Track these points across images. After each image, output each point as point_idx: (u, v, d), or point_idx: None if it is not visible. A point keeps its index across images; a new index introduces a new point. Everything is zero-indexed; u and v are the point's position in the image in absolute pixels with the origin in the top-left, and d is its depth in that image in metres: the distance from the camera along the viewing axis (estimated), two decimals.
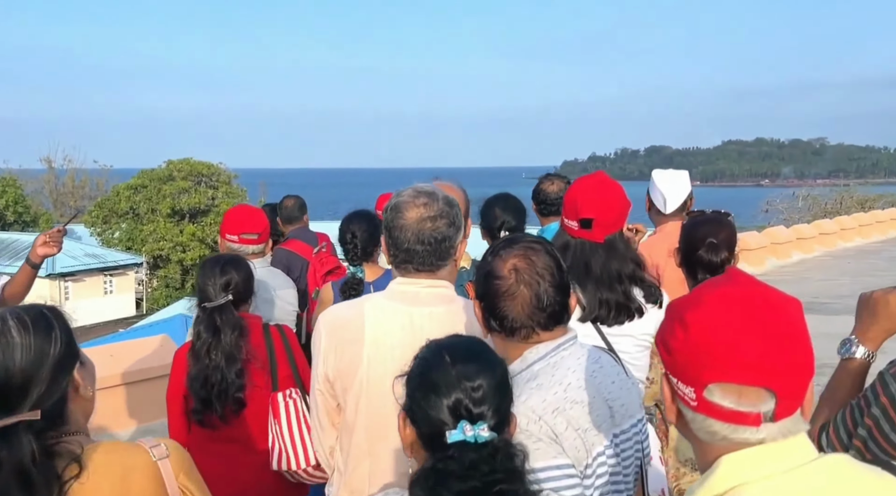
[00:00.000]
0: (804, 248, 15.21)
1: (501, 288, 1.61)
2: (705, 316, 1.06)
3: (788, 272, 13.45)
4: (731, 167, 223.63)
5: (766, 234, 14.53)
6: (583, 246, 2.29)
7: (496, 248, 1.67)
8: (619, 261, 2.28)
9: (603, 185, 2.33)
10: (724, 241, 2.59)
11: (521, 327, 1.62)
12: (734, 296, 1.06)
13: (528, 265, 1.62)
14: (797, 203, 27.55)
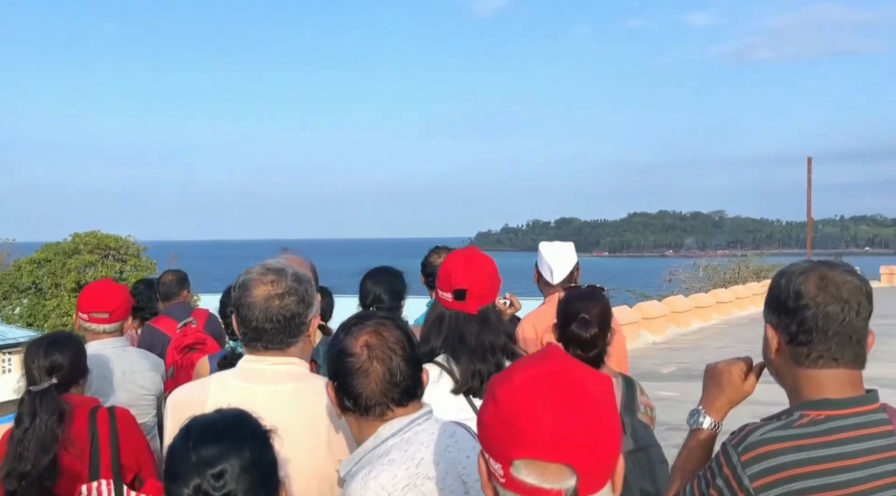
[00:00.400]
0: (703, 316, 16.03)
1: (354, 365, 1.61)
2: (512, 392, 1.06)
3: (688, 340, 14.15)
4: (637, 238, 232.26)
5: (667, 303, 15.24)
6: (457, 317, 2.31)
7: (347, 325, 1.67)
8: (492, 333, 2.31)
9: (475, 257, 2.39)
10: (595, 316, 2.59)
11: (376, 404, 1.61)
12: (542, 373, 1.07)
13: (380, 340, 1.62)
14: (698, 273, 28.74)
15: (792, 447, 1.49)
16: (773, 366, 1.64)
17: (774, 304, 1.60)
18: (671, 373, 9.93)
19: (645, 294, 22.34)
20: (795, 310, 1.55)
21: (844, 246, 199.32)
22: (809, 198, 24.54)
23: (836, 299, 1.54)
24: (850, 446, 1.50)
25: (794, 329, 1.56)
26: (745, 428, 1.55)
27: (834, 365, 1.55)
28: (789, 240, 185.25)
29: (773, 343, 1.60)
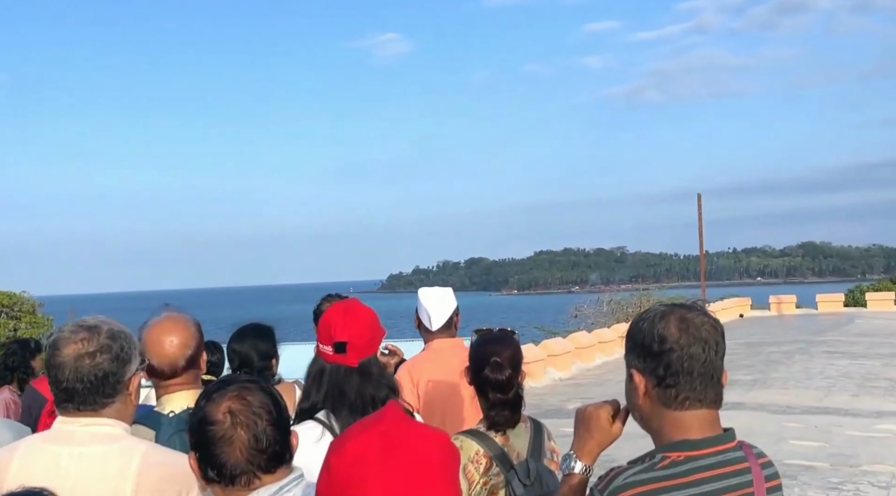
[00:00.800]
0: (606, 351, 16.55)
1: (217, 433, 1.53)
2: (343, 460, 1.08)
3: (592, 375, 14.58)
4: (543, 276, 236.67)
5: (571, 340, 15.66)
6: (337, 371, 2.29)
7: (208, 391, 1.60)
8: (374, 386, 2.29)
9: (355, 309, 2.36)
10: (507, 359, 2.59)
11: (242, 473, 1.54)
12: (374, 439, 1.09)
13: (244, 406, 1.55)
14: (602, 308, 29.63)
15: (653, 489, 1.52)
16: (638, 410, 1.66)
17: (639, 350, 1.63)
18: (576, 408, 10.22)
19: (551, 330, 22.83)
20: (661, 354, 1.58)
21: (737, 277, 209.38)
22: (701, 232, 25.87)
23: (698, 340, 1.58)
24: (708, 485, 1.54)
25: (661, 372, 1.59)
26: (611, 472, 1.58)
27: (699, 405, 1.59)
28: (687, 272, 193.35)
29: (641, 387, 1.62)
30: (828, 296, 28.13)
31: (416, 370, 3.28)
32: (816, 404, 10.42)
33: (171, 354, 2.35)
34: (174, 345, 2.35)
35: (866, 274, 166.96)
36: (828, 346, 16.59)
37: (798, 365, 14.03)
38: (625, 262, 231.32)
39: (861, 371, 13.09)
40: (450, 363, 3.29)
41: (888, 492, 6.37)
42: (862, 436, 8.46)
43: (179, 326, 2.38)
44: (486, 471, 2.51)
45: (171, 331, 2.36)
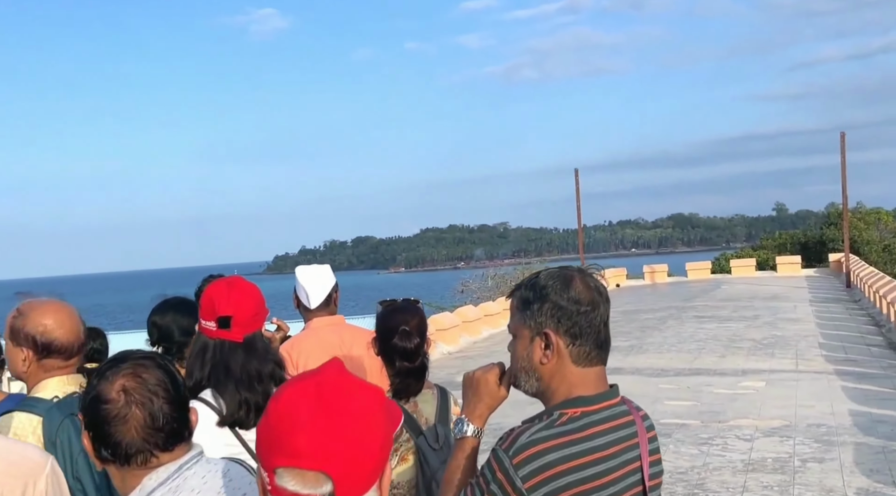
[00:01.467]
0: (492, 323, 16.92)
1: (111, 412, 1.49)
2: (279, 404, 1.11)
3: (480, 347, 14.88)
4: (430, 253, 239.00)
5: (458, 314, 15.91)
6: (222, 346, 2.25)
7: (102, 369, 1.54)
8: (259, 361, 2.26)
9: (239, 284, 2.33)
10: (415, 327, 2.62)
11: (138, 452, 1.50)
12: (310, 386, 1.12)
13: (139, 383, 1.50)
14: (487, 282, 30.32)
15: (556, 445, 1.58)
16: (539, 370, 1.68)
17: (552, 310, 1.65)
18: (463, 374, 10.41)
19: (439, 306, 23.14)
20: (576, 314, 1.64)
21: (613, 248, 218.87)
22: (578, 206, 26.76)
23: (604, 300, 1.68)
24: (602, 438, 1.63)
25: (576, 330, 1.64)
26: (513, 432, 1.62)
27: (599, 362, 1.67)
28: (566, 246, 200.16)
29: (556, 346, 1.65)
30: (696, 264, 29.90)
31: (294, 349, 3.23)
32: (688, 366, 11.07)
33: (78, 332, 2.29)
34: (77, 323, 2.29)
35: (730, 242, 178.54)
36: (697, 312, 17.64)
37: (671, 330, 14.85)
38: (507, 238, 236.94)
39: (727, 333, 14.01)
40: (328, 340, 3.26)
41: (751, 444, 6.86)
42: (728, 393, 9.06)
43: (69, 308, 2.31)
44: (397, 438, 2.55)
45: (68, 310, 2.30)
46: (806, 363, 10.91)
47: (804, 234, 38.68)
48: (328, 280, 3.41)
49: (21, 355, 2.24)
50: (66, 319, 2.27)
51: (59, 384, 2.26)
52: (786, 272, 27.46)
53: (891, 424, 7.34)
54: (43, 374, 2.26)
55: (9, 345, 2.28)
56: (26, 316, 2.24)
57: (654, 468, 1.73)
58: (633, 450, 1.69)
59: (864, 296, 18.57)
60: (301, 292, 3.40)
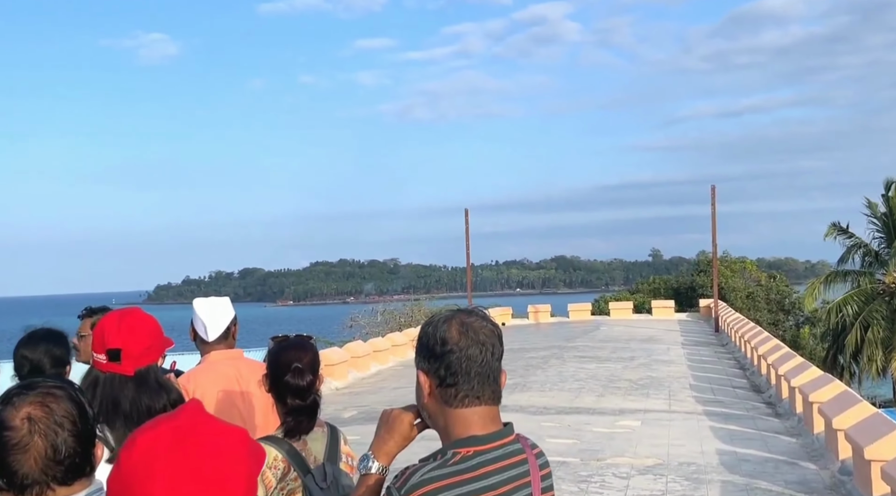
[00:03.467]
0: (380, 359, 16.84)
1: (12, 440, 1.45)
2: (132, 454, 1.09)
3: (368, 383, 14.76)
4: (319, 286, 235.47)
5: (347, 349, 15.73)
6: (112, 380, 2.22)
7: (9, 394, 1.51)
8: (150, 396, 2.23)
9: (132, 315, 2.29)
10: (308, 364, 2.60)
11: (34, 483, 1.46)
12: (166, 432, 1.10)
13: (46, 413, 1.47)
14: (377, 317, 30.20)
15: (448, 485, 1.62)
16: (426, 409, 1.76)
17: (424, 352, 1.73)
18: (352, 416, 10.32)
19: (328, 341, 22.86)
20: (442, 355, 1.70)
21: (499, 288, 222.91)
22: (468, 245, 27.25)
23: (476, 343, 1.71)
24: (494, 478, 1.67)
25: (442, 372, 1.70)
26: (406, 471, 1.65)
27: (477, 403, 1.71)
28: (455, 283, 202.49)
29: (426, 387, 1.72)
30: (577, 305, 30.94)
31: (191, 382, 3.15)
32: (568, 405, 11.41)
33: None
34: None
35: (609, 285, 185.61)
36: (578, 351, 18.23)
37: (553, 369, 15.27)
38: (398, 273, 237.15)
39: (606, 373, 14.54)
40: (227, 374, 3.21)
41: (627, 482, 7.14)
42: (606, 432, 9.40)
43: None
44: (284, 477, 2.51)
45: None
46: (678, 403, 11.47)
47: (677, 279, 40.80)
48: (227, 313, 3.36)
49: None
50: None
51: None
52: (660, 315, 28.84)
53: (754, 463, 7.83)
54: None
55: None
56: None
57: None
58: (525, 489, 1.74)
59: (730, 341, 19.79)
60: (199, 324, 3.34)
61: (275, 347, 2.68)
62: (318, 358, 2.68)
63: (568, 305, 30.88)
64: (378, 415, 1.90)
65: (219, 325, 3.33)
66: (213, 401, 3.14)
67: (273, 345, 2.70)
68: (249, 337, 29.31)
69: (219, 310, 3.36)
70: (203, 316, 3.32)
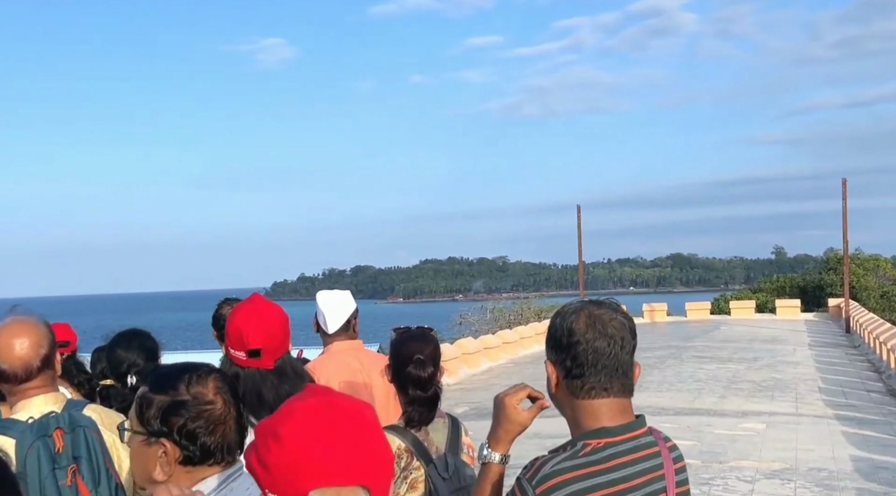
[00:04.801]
0: (491, 356, 16.89)
1: (214, 412, 1.59)
2: (297, 427, 1.13)
3: (479, 380, 14.84)
4: (428, 284, 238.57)
5: (458, 346, 15.88)
6: (253, 375, 2.31)
7: (184, 372, 1.63)
8: (291, 384, 2.31)
9: (264, 311, 2.34)
10: (429, 356, 2.62)
11: (228, 452, 1.61)
12: (319, 405, 1.15)
13: (227, 386, 1.64)
14: (486, 315, 30.26)
15: (580, 476, 1.60)
16: (555, 399, 1.75)
17: (552, 342, 1.73)
18: (464, 413, 10.40)
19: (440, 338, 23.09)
20: (569, 347, 1.68)
21: (612, 286, 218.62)
22: (580, 242, 26.83)
23: (604, 335, 1.68)
24: (626, 470, 1.64)
25: (569, 364, 1.69)
26: (536, 461, 1.64)
27: (606, 395, 1.68)
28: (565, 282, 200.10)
29: (553, 378, 1.72)
30: (696, 304, 29.85)
31: (316, 371, 3.22)
32: (688, 406, 11.03)
33: (24, 356, 2.23)
34: (25, 347, 2.24)
35: (728, 284, 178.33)
36: (697, 351, 17.61)
37: (670, 369, 14.81)
38: (507, 271, 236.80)
39: (727, 374, 13.97)
40: (349, 364, 3.28)
41: (752, 486, 6.82)
42: (729, 434, 9.03)
43: (28, 327, 2.27)
44: (407, 466, 2.55)
45: (20, 333, 2.25)
46: (806, 407, 10.87)
47: (803, 278, 38.72)
48: (348, 305, 3.45)
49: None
50: (12, 345, 2.24)
51: (39, 404, 2.24)
52: (785, 315, 27.44)
53: (892, 471, 7.30)
54: (17, 396, 2.24)
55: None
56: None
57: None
58: (659, 482, 1.69)
59: (863, 342, 18.56)
60: (321, 317, 3.44)
61: (397, 338, 2.72)
62: (439, 350, 2.70)
63: (685, 304, 29.87)
64: (489, 412, 1.88)
65: (340, 317, 3.41)
66: (336, 389, 3.20)
67: (395, 337, 2.74)
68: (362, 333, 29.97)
69: (340, 303, 3.44)
70: (326, 308, 3.41)
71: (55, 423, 2.21)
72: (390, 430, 2.59)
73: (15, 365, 2.21)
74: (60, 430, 2.19)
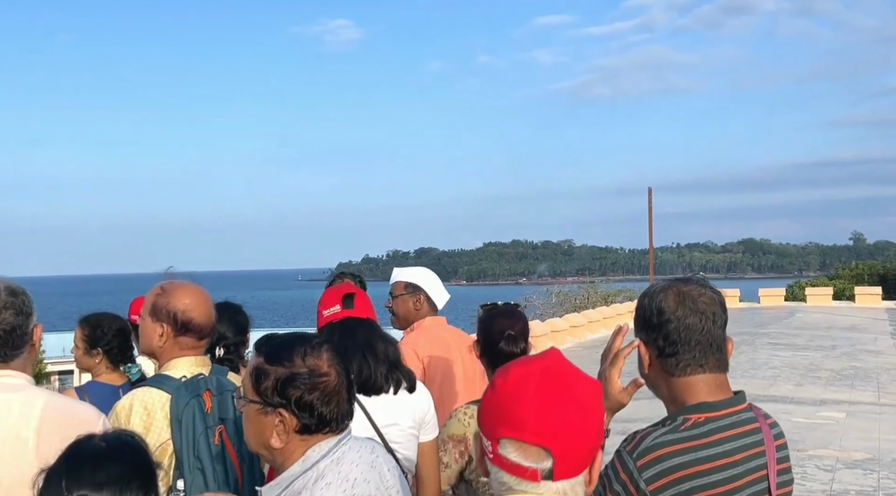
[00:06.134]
0: (558, 340, 16.77)
1: (330, 385, 1.65)
2: (507, 381, 1.23)
3: None
4: (492, 267, 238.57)
5: None
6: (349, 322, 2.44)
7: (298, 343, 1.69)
8: (383, 338, 2.46)
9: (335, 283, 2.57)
10: (520, 331, 2.62)
11: (343, 419, 1.68)
12: (537, 368, 1.23)
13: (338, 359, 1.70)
14: (551, 299, 30.05)
15: (681, 449, 1.59)
16: (648, 379, 1.75)
17: (642, 323, 1.73)
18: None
19: None
20: (660, 326, 1.69)
21: (681, 271, 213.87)
22: (650, 226, 26.32)
23: (694, 311, 1.68)
24: (727, 445, 1.63)
25: (661, 342, 1.69)
26: (637, 435, 1.64)
27: (701, 371, 1.69)
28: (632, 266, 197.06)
29: (646, 358, 1.73)
30: (770, 290, 29.01)
31: (418, 346, 3.28)
32: (763, 393, 10.76)
33: (211, 315, 2.39)
34: (211, 306, 2.40)
35: (803, 271, 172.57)
36: (771, 338, 17.13)
37: (744, 356, 14.46)
38: (572, 255, 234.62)
39: (804, 362, 13.56)
40: (443, 338, 3.34)
41: (833, 475, 6.63)
42: (806, 422, 8.78)
43: (204, 291, 2.42)
44: None
45: (204, 293, 2.40)
46: (889, 396, 10.48)
47: (884, 265, 37.08)
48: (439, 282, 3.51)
49: (159, 330, 2.34)
50: (204, 302, 2.39)
51: (188, 364, 2.34)
52: (864, 303, 26.41)
53: None
54: (177, 352, 2.35)
55: (147, 321, 2.37)
56: (170, 293, 2.36)
57: (783, 476, 1.71)
58: (760, 458, 1.67)
59: None
60: (431, 291, 3.45)
61: (485, 315, 2.71)
62: (527, 325, 2.70)
63: (759, 290, 29.05)
64: None
65: (444, 292, 3.47)
66: (436, 363, 3.27)
67: (483, 313, 2.73)
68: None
69: (439, 282, 3.49)
70: (433, 283, 3.47)
71: (205, 385, 2.32)
72: (478, 405, 2.62)
73: (206, 320, 2.36)
74: (209, 392, 2.30)
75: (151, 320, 2.36)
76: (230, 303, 3.33)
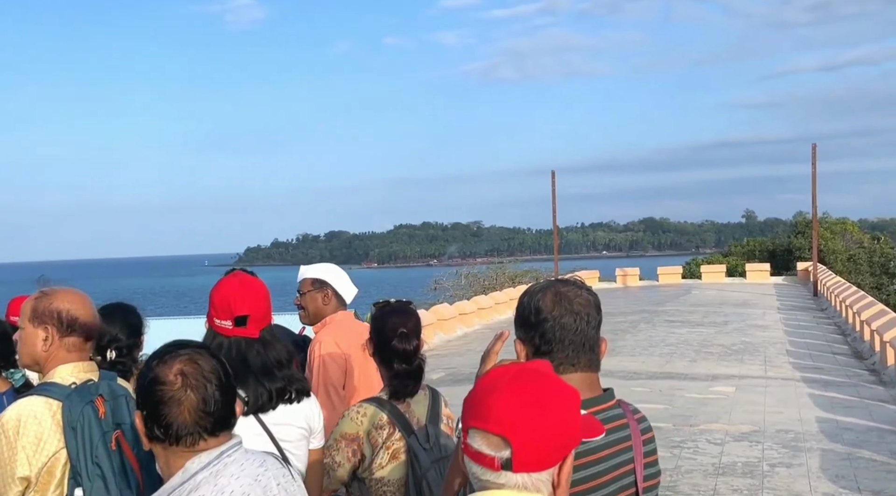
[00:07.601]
0: (466, 322, 16.98)
1: (167, 394, 1.61)
2: (487, 376, 1.33)
3: (454, 345, 14.94)
4: (403, 249, 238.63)
5: (433, 312, 15.93)
6: (238, 343, 2.37)
7: (160, 353, 1.67)
8: (276, 351, 2.41)
9: (250, 282, 2.44)
10: (412, 329, 2.65)
11: (188, 434, 1.62)
12: (516, 368, 1.33)
13: (196, 369, 1.63)
14: (461, 281, 30.37)
15: None
16: None
17: (521, 321, 1.81)
18: (440, 378, 10.46)
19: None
20: (537, 324, 1.76)
21: (585, 251, 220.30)
22: (554, 208, 26.91)
23: (570, 312, 1.76)
24: (593, 442, 1.67)
25: (537, 341, 1.76)
26: None
27: (573, 370, 1.76)
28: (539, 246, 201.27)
29: (522, 355, 1.79)
30: (667, 268, 30.23)
31: (339, 338, 3.29)
32: (659, 369, 11.23)
33: (96, 315, 2.33)
34: (94, 308, 2.34)
35: (700, 248, 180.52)
36: (668, 316, 17.87)
37: (643, 333, 15.03)
38: (481, 237, 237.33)
39: (698, 338, 14.22)
40: (357, 331, 3.36)
41: (722, 448, 7.00)
42: (699, 398, 9.22)
43: (85, 294, 2.35)
44: (389, 437, 2.60)
45: (83, 295, 2.34)
46: (774, 370, 11.12)
47: (772, 241, 39.25)
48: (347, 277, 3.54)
49: (42, 335, 2.25)
50: (87, 302, 2.33)
51: (75, 370, 2.26)
52: (755, 279, 27.89)
53: (856, 432, 7.53)
54: (63, 355, 2.26)
55: (28, 328, 2.27)
56: (50, 296, 2.29)
57: (649, 469, 1.80)
58: (627, 453, 1.76)
59: (830, 306, 18.97)
60: (340, 288, 3.48)
61: (378, 313, 2.72)
62: (420, 323, 2.73)
63: (657, 268, 30.23)
64: (465, 377, 1.93)
65: (353, 287, 3.48)
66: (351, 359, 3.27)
67: (376, 311, 2.74)
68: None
69: (346, 276, 3.51)
70: (343, 280, 3.48)
71: (96, 390, 2.25)
72: (372, 402, 2.65)
73: (90, 319, 2.30)
74: (101, 398, 2.25)
75: (33, 326, 2.26)
76: (123, 303, 3.23)
